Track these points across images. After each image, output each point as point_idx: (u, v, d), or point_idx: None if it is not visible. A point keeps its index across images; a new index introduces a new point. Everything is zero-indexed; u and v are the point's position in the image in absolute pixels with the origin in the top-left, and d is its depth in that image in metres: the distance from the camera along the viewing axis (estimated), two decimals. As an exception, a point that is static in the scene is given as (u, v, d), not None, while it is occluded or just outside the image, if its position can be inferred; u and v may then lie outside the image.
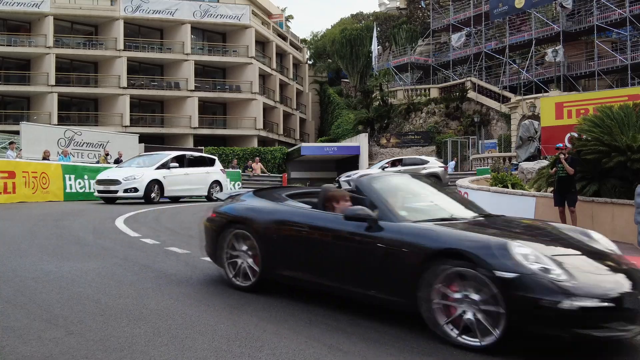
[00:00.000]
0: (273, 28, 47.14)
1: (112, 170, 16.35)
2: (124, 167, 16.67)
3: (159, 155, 17.35)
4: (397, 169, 21.16)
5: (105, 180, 15.47)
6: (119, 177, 15.31)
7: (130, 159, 18.15)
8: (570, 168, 10.38)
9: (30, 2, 36.69)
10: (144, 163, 16.72)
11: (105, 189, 15.31)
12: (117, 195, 15.24)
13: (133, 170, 15.80)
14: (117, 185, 15.12)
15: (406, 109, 39.76)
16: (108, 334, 3.88)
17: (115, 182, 15.20)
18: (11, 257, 6.64)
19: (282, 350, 3.64)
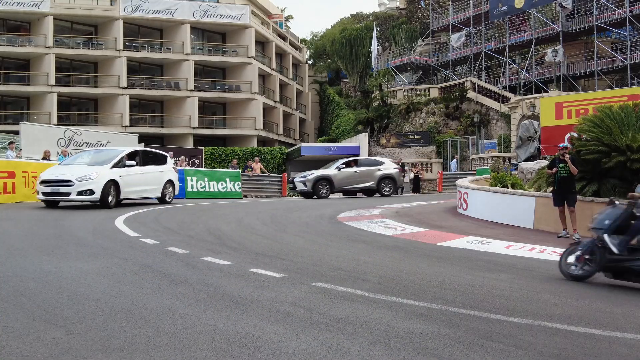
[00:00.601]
0: (273, 28, 47.14)
1: (59, 169, 13.68)
2: (71, 164, 14.06)
3: (111, 151, 15.02)
4: (354, 170, 21.18)
5: (52, 180, 12.87)
6: (71, 176, 12.82)
7: (74, 156, 15.67)
8: (574, 168, 10.26)
9: (30, 2, 36.68)
10: (95, 160, 14.20)
11: (54, 190, 12.81)
12: (68, 199, 12.88)
13: (86, 168, 13.34)
14: (69, 186, 12.67)
15: (406, 109, 39.76)
16: (108, 334, 3.88)
17: (67, 182, 12.74)
18: (11, 257, 6.64)
19: (282, 350, 3.64)
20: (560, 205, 10.48)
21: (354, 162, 21.90)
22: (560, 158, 10.46)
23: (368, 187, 21.54)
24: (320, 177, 20.93)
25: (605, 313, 5.04)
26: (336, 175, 21.07)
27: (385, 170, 21.75)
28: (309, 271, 6.37)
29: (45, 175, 13.16)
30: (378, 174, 21.55)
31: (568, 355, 3.81)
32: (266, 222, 11.45)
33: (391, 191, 21.80)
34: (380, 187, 21.53)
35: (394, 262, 7.37)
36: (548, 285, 6.27)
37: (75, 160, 14.53)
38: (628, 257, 6.10)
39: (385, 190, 21.56)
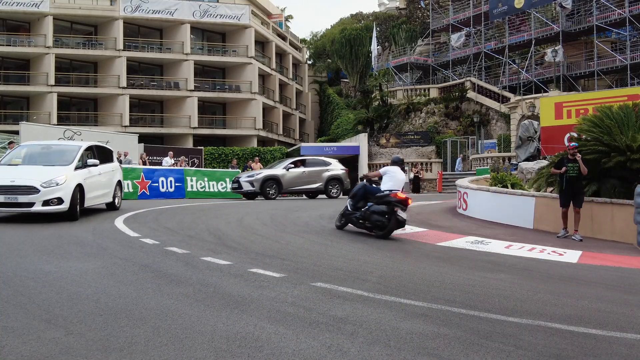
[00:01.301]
0: (272, 28, 47.13)
1: (10, 170, 10.43)
2: (22, 165, 10.93)
3: (64, 146, 12.07)
4: (302, 170, 20.23)
5: (8, 187, 9.76)
6: (33, 181, 9.88)
7: (12, 151, 11.85)
8: (585, 168, 10.10)
9: (30, 2, 36.67)
10: (49, 158, 11.17)
11: (10, 200, 9.74)
12: (31, 210, 9.86)
13: (47, 170, 10.40)
14: (33, 194, 9.76)
15: (406, 109, 39.77)
16: (108, 334, 3.88)
17: (28, 189, 9.78)
18: (11, 257, 6.64)
19: (281, 351, 3.64)
20: (567, 206, 10.28)
21: (302, 162, 20.79)
22: (569, 157, 10.26)
23: (316, 188, 20.49)
24: (268, 177, 19.64)
25: (605, 313, 5.04)
26: (284, 175, 19.89)
27: (332, 171, 20.82)
28: (309, 271, 6.37)
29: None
30: (326, 175, 20.58)
31: (568, 355, 3.81)
32: (266, 222, 11.45)
33: (338, 193, 20.74)
34: (327, 188, 20.55)
35: (393, 262, 7.37)
36: (548, 285, 6.27)
37: (23, 158, 11.12)
38: (352, 212, 10.00)
39: (332, 192, 20.57)
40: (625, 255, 8.93)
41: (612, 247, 9.67)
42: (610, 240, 10.37)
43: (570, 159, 10.25)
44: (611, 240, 10.41)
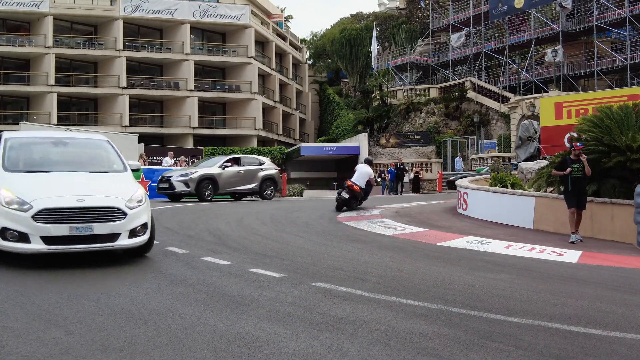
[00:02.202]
0: (272, 28, 47.13)
1: (54, 181, 6.72)
2: (52, 173, 6.97)
3: (91, 141, 8.38)
4: (238, 170, 18.49)
5: (76, 211, 6.16)
6: (115, 199, 6.49)
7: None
8: (589, 168, 9.94)
9: (30, 2, 36.66)
10: (79, 161, 7.62)
11: (83, 233, 6.14)
12: (112, 247, 6.46)
13: (109, 181, 7.14)
14: (116, 220, 6.34)
15: (406, 109, 39.77)
16: (108, 334, 3.88)
17: (110, 213, 6.34)
18: (10, 257, 6.64)
19: (281, 350, 3.64)
20: (574, 207, 10.05)
21: (236, 161, 19.01)
22: (573, 158, 10.08)
23: (251, 189, 18.84)
24: (204, 176, 17.57)
25: (605, 313, 5.04)
26: (221, 175, 17.96)
27: (267, 170, 19.38)
28: (309, 271, 6.37)
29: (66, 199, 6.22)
30: (261, 174, 19.01)
31: (568, 355, 3.81)
32: (266, 222, 11.45)
33: (272, 195, 19.60)
34: (262, 189, 18.98)
35: (393, 262, 7.37)
36: (548, 285, 6.27)
37: (32, 159, 7.49)
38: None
39: (267, 193, 19.13)
40: (625, 255, 8.93)
41: (612, 247, 9.67)
42: (610, 240, 10.37)
43: (573, 159, 10.07)
44: (611, 240, 10.40)
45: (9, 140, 7.26)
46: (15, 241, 5.96)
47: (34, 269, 5.99)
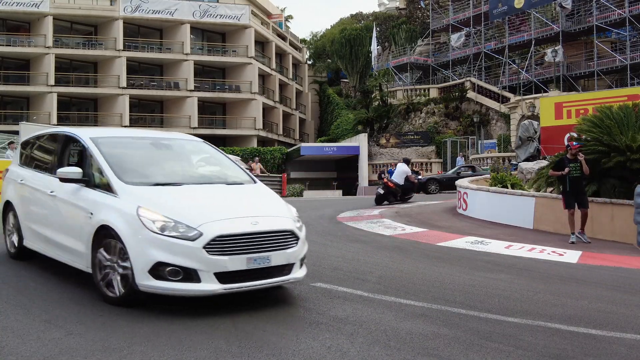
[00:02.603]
0: (272, 28, 47.12)
1: (207, 201, 5.08)
2: (185, 186, 5.35)
3: (196, 144, 6.66)
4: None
5: (253, 237, 4.70)
6: (287, 220, 5.12)
7: (108, 155, 6.02)
8: (587, 168, 9.86)
9: (30, 2, 36.64)
10: (199, 172, 6.17)
11: (261, 265, 4.69)
12: (287, 280, 5.00)
13: (256, 195, 5.59)
14: (290, 246, 4.96)
15: (406, 109, 39.75)
16: (108, 334, 3.88)
17: (284, 238, 4.95)
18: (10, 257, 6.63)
19: (281, 350, 3.64)
20: (572, 208, 9.98)
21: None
22: (570, 158, 10.00)
23: None
24: None
25: (605, 313, 5.04)
26: None
27: None
28: (309, 271, 6.35)
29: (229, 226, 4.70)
30: None
31: (568, 355, 3.81)
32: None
33: None
34: None
35: (393, 263, 7.37)
36: (548, 285, 6.27)
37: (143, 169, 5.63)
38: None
39: None
40: (625, 255, 8.93)
41: (612, 247, 9.67)
42: (610, 240, 10.36)
43: (570, 159, 10.01)
44: (611, 240, 10.40)
45: (101, 143, 5.40)
46: (178, 280, 4.34)
47: (34, 269, 5.97)
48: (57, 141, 6.11)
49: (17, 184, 6.33)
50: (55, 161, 5.90)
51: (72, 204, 5.19)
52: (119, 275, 4.57)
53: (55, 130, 6.50)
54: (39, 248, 5.82)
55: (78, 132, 5.80)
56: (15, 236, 6.39)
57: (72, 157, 5.82)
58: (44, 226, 5.67)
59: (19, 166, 6.60)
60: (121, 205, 4.70)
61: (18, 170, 6.51)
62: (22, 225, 6.13)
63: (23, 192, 6.23)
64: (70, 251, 5.16)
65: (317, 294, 5.22)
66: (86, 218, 4.91)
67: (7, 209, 6.57)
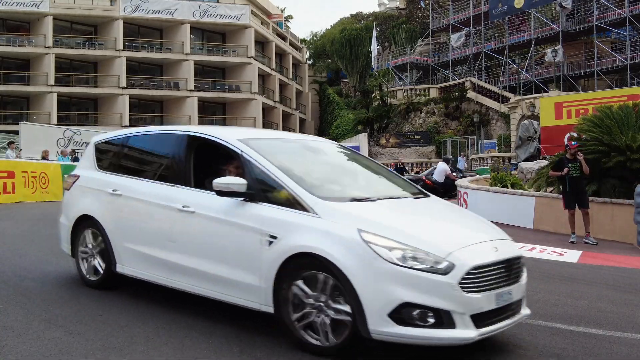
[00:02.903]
0: (272, 28, 47.12)
1: (441, 231, 4.05)
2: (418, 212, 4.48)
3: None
4: None
5: (501, 269, 3.80)
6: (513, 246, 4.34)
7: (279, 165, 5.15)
8: (587, 167, 9.80)
9: (30, 2, 36.63)
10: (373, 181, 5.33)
11: (508, 302, 3.83)
12: (512, 322, 3.93)
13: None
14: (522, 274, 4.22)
15: (405, 109, 39.76)
16: (108, 333, 3.88)
17: (519, 265, 4.14)
18: (11, 257, 6.63)
19: (281, 350, 3.64)
20: (572, 208, 9.94)
21: None
22: (569, 158, 9.95)
23: None
24: None
25: (605, 313, 5.04)
26: None
27: None
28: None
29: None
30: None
31: (568, 355, 3.81)
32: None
33: None
34: None
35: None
36: (548, 285, 6.26)
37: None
38: None
39: None
40: (625, 255, 8.92)
41: (612, 247, 9.66)
42: (610, 240, 10.36)
43: (570, 159, 9.98)
44: (611, 240, 10.39)
45: (256, 146, 4.36)
46: (428, 326, 3.43)
47: (34, 269, 5.97)
48: (174, 143, 4.82)
49: (107, 194, 5.02)
50: (179, 168, 4.61)
51: (232, 224, 4.02)
52: (329, 319, 3.54)
53: (163, 130, 5.33)
54: (152, 276, 4.61)
55: (214, 132, 4.66)
56: (97, 260, 5.11)
57: (204, 162, 4.68)
58: (167, 250, 4.44)
59: (98, 172, 5.33)
60: (330, 227, 3.64)
61: (102, 177, 5.21)
62: (115, 246, 4.87)
63: (119, 205, 4.94)
64: (228, 283, 4.00)
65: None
66: (262, 242, 3.81)
67: (83, 225, 5.24)
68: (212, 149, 4.60)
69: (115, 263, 4.89)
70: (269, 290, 3.76)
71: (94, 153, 5.55)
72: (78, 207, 5.30)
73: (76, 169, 5.77)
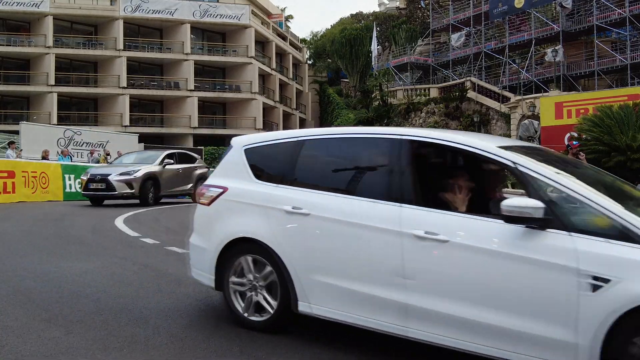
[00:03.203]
0: (273, 28, 47.14)
1: None
2: None
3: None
4: (178, 168, 15.80)
5: None
6: None
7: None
8: None
9: (30, 2, 36.65)
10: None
11: None
12: None
13: None
14: None
15: (406, 109, 39.75)
16: (108, 333, 3.88)
17: None
18: (11, 256, 6.64)
19: (282, 350, 3.64)
20: None
21: (171, 157, 15.87)
22: (570, 157, 10.03)
23: (187, 191, 16.23)
24: (147, 175, 14.54)
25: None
26: (162, 174, 15.09)
27: (201, 169, 16.91)
28: (309, 271, 6.35)
29: None
30: (195, 173, 16.48)
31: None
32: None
33: None
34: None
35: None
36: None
37: None
38: None
39: None
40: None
41: (613, 247, 9.64)
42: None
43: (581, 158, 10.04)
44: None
45: (526, 156, 3.46)
46: None
47: (34, 268, 5.98)
48: (388, 150, 3.76)
49: (282, 212, 3.90)
50: (399, 182, 3.59)
51: (522, 259, 3.06)
52: None
53: (366, 133, 4.19)
54: (366, 320, 3.54)
55: (459, 139, 3.60)
56: (263, 295, 3.98)
57: (428, 174, 3.82)
58: (395, 288, 3.42)
59: (258, 183, 4.18)
60: None
61: (268, 191, 4.06)
62: (299, 279, 3.77)
63: (306, 227, 3.82)
64: (515, 337, 3.04)
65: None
66: (580, 286, 2.88)
67: (236, 250, 4.11)
68: (440, 158, 3.84)
69: (297, 300, 3.77)
70: (595, 349, 2.82)
71: (245, 159, 4.38)
72: (230, 228, 4.13)
73: (216, 179, 4.54)
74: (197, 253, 4.42)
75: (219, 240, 4.15)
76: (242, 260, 4.05)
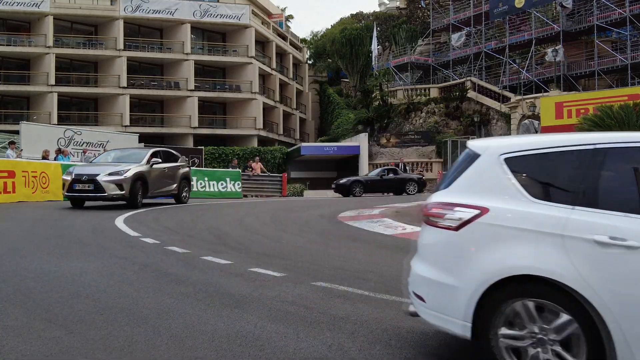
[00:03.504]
0: (273, 28, 47.14)
1: None
2: None
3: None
4: (164, 167, 14.87)
5: None
6: None
7: None
8: None
9: (30, 2, 36.68)
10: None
11: None
12: None
13: None
14: None
15: (406, 109, 39.75)
16: (108, 333, 3.88)
17: None
18: (11, 256, 6.63)
19: (282, 350, 3.63)
20: None
21: (156, 155, 14.90)
22: None
23: (172, 190, 15.62)
24: (137, 175, 13.60)
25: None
26: (150, 174, 14.17)
27: (184, 168, 16.32)
28: (309, 270, 6.35)
29: None
30: (180, 173, 15.92)
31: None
32: (266, 221, 11.45)
33: (188, 197, 16.67)
34: (180, 191, 15.92)
35: (393, 261, 7.35)
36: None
37: None
38: None
39: (184, 195, 16.21)
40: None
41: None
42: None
43: None
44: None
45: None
46: None
47: (34, 268, 5.98)
48: None
49: (592, 244, 2.86)
50: None
51: None
52: None
53: None
54: None
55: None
56: (560, 351, 2.91)
57: None
58: None
59: (537, 203, 3.13)
60: None
61: (567, 215, 2.99)
62: (624, 333, 2.71)
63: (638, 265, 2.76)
64: None
65: (317, 293, 5.21)
66: None
67: (507, 291, 3.10)
68: None
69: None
70: None
71: (509, 172, 3.29)
72: (499, 262, 3.12)
73: (461, 196, 3.44)
74: (439, 292, 3.40)
75: (481, 277, 3.15)
76: (519, 305, 3.06)
